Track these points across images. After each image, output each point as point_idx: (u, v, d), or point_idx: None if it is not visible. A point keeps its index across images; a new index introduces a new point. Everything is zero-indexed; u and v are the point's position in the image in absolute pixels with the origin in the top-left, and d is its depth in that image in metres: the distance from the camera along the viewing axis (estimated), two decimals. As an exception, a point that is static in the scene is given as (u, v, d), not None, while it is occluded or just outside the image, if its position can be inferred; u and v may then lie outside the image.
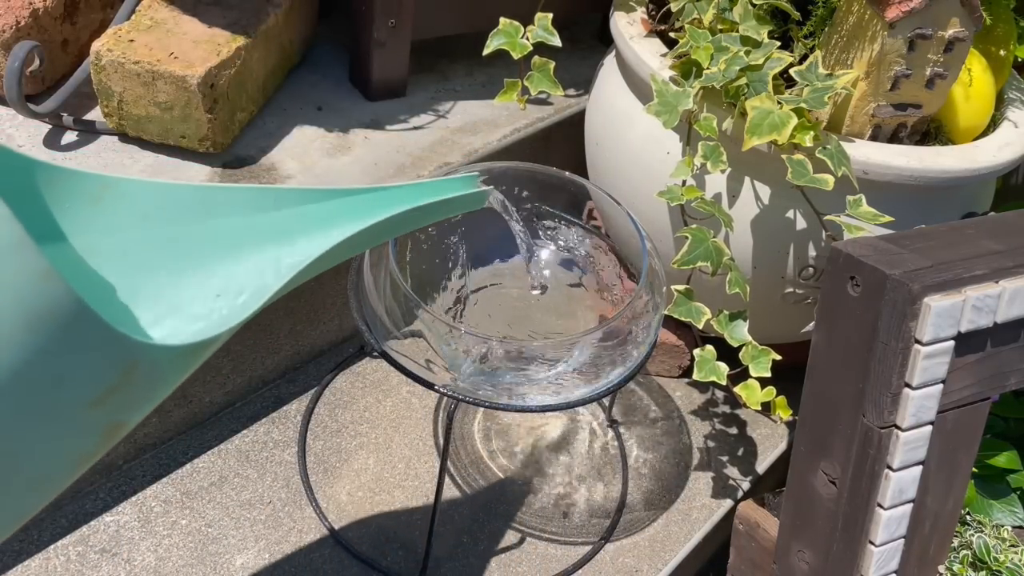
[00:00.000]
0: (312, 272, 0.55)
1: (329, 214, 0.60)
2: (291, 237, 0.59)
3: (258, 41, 1.00)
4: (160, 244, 0.55)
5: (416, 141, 1.09)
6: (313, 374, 1.02)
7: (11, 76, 0.90)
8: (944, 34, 0.83)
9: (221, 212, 0.56)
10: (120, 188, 0.54)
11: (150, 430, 0.90)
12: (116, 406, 0.45)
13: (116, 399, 0.44)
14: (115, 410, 0.45)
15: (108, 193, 0.54)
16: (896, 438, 0.71)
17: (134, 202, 0.55)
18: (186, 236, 0.56)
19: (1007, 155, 0.90)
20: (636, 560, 0.92)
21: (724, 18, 0.86)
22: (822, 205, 0.83)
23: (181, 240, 0.56)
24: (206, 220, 0.56)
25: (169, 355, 0.46)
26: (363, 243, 0.60)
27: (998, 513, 1.03)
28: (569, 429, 1.04)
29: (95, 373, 0.42)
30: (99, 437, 0.46)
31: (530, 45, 0.90)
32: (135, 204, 0.55)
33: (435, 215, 0.67)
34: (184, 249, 0.56)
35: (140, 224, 0.55)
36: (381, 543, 0.88)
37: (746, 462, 1.04)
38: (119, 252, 0.54)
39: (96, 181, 0.53)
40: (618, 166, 0.98)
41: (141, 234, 0.55)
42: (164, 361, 0.46)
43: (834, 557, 0.76)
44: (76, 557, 0.82)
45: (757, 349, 0.82)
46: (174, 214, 0.56)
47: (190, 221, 0.56)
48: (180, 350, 0.47)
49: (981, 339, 0.72)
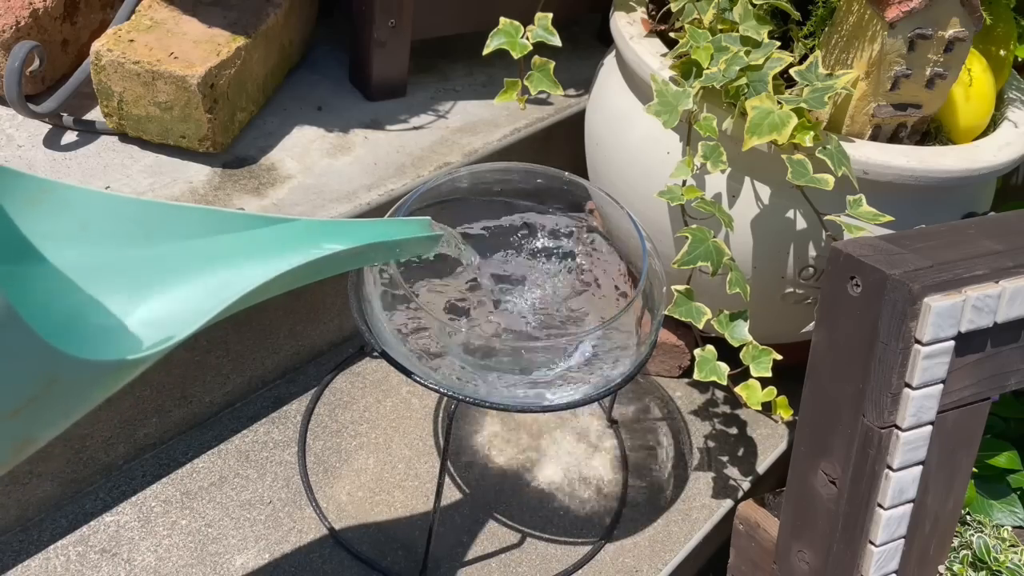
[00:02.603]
0: (252, 300, 0.53)
1: (278, 240, 0.59)
2: (236, 262, 0.57)
3: (258, 41, 1.00)
4: (98, 263, 0.54)
5: (416, 141, 1.09)
6: (313, 374, 1.02)
7: (11, 76, 0.90)
8: (944, 34, 0.83)
9: (163, 233, 0.55)
10: (60, 194, 0.52)
11: (150, 430, 0.90)
12: (32, 420, 0.43)
13: (33, 411, 0.43)
14: (30, 424, 0.44)
15: (48, 197, 0.52)
16: (896, 438, 0.71)
17: (74, 210, 0.53)
18: (125, 256, 0.55)
19: (1007, 155, 0.90)
20: (636, 560, 0.92)
21: (724, 18, 0.86)
22: (822, 205, 0.83)
23: (120, 260, 0.54)
24: (146, 240, 0.55)
25: (94, 371, 0.45)
26: (309, 275, 0.59)
27: (998, 513, 1.03)
28: (569, 429, 1.04)
29: (17, 381, 0.41)
30: (9, 452, 0.45)
31: (530, 45, 0.90)
32: (75, 212, 0.53)
33: (384, 255, 0.67)
34: (122, 268, 0.54)
35: (78, 234, 0.53)
36: (381, 543, 0.88)
37: (746, 462, 1.04)
38: (55, 264, 0.53)
39: (35, 184, 0.52)
40: (618, 166, 0.98)
41: (79, 248, 0.53)
42: (88, 377, 0.45)
43: (834, 557, 0.76)
44: (76, 557, 0.82)
45: (758, 349, 0.82)
46: (114, 227, 0.54)
47: (130, 237, 0.54)
48: (106, 366, 0.45)
49: (981, 339, 0.72)
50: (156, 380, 0.88)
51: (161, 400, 0.89)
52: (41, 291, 0.52)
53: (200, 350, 0.90)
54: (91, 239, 0.54)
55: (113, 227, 0.54)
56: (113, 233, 0.54)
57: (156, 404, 0.89)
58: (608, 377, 0.77)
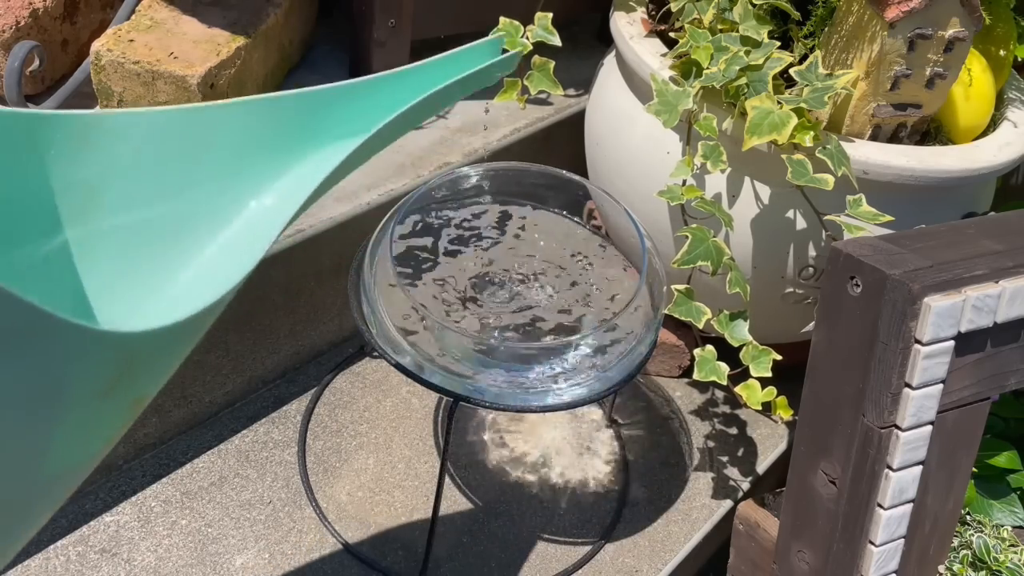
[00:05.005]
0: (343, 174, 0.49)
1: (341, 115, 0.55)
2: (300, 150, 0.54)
3: (258, 41, 1.00)
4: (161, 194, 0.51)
5: (416, 141, 1.09)
6: (313, 374, 1.02)
7: (11, 76, 0.90)
8: (944, 34, 0.83)
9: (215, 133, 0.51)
10: (107, 125, 0.50)
11: (150, 430, 0.90)
12: (127, 388, 0.42)
13: (125, 384, 0.41)
14: (127, 392, 0.42)
15: (94, 132, 0.50)
16: (896, 438, 0.71)
17: (123, 137, 0.51)
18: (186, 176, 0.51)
19: (1007, 155, 0.90)
20: (636, 560, 0.92)
21: (724, 18, 0.86)
22: (822, 205, 0.83)
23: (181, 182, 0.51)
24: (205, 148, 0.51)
25: (168, 335, 0.42)
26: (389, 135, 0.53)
27: (998, 513, 1.03)
28: (569, 429, 1.04)
29: (88, 376, 0.39)
30: (121, 416, 0.44)
31: (530, 45, 0.90)
32: (125, 139, 0.51)
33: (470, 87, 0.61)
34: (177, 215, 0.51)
35: (133, 161, 0.50)
36: (381, 543, 0.88)
37: (746, 462, 1.04)
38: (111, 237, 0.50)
39: (80, 122, 0.50)
40: (618, 166, 0.98)
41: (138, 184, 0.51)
42: (165, 342, 0.42)
43: (834, 557, 0.76)
44: (76, 557, 0.82)
45: (758, 349, 0.82)
46: (165, 143, 0.51)
47: (183, 148, 0.51)
48: (180, 326, 0.42)
49: (981, 339, 0.72)
50: (156, 380, 0.88)
51: (161, 400, 0.89)
52: (95, 275, 0.50)
53: (200, 350, 0.90)
54: (146, 164, 0.51)
55: (164, 143, 0.51)
56: (168, 152, 0.51)
57: (156, 404, 0.89)
58: (608, 377, 0.77)
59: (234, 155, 0.53)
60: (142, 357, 0.41)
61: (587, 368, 0.77)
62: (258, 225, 0.52)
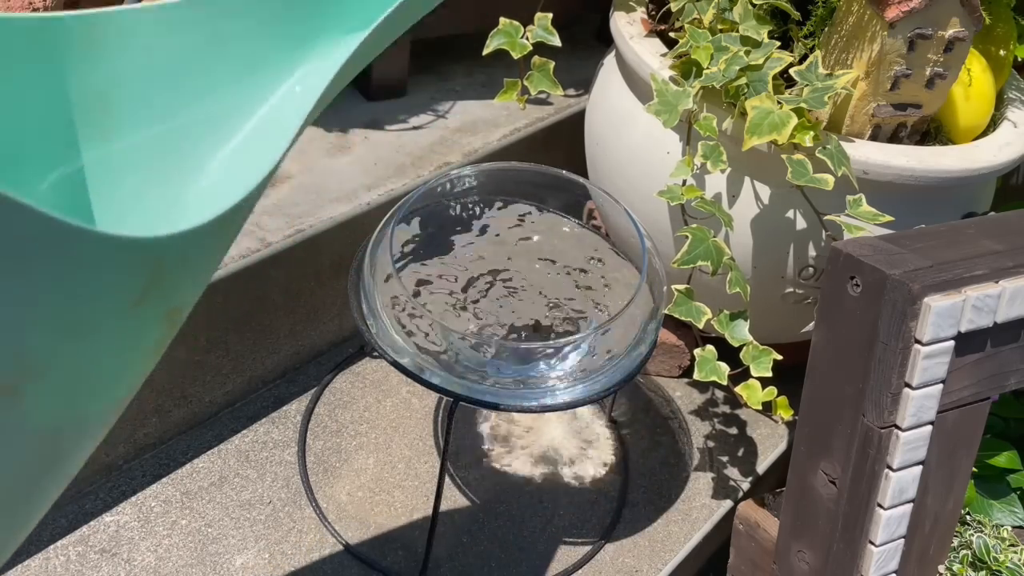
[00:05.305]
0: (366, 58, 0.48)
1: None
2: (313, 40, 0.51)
3: None
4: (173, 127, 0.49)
5: (416, 141, 1.09)
6: (313, 374, 1.02)
7: (11, 76, 0.90)
8: (944, 34, 0.83)
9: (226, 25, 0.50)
10: (115, 23, 0.49)
11: (150, 430, 0.90)
12: (161, 299, 0.40)
13: (157, 293, 0.40)
14: (161, 302, 0.41)
15: (98, 32, 0.48)
16: (896, 438, 0.71)
17: (132, 35, 0.49)
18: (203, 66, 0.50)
19: (1007, 155, 0.90)
20: (636, 560, 0.92)
21: (724, 18, 0.86)
22: (822, 205, 0.83)
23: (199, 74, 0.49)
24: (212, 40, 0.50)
25: (192, 239, 0.40)
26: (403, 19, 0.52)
27: (998, 513, 1.02)
28: (569, 429, 1.04)
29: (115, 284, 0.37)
30: (157, 328, 0.42)
31: (530, 45, 0.90)
32: (134, 37, 0.49)
33: None
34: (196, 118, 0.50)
35: (146, 60, 0.49)
36: (381, 543, 0.88)
37: (746, 462, 1.04)
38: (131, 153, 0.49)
39: (83, 23, 0.48)
40: (618, 166, 0.98)
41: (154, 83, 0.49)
42: (190, 246, 0.41)
43: (834, 557, 0.76)
44: (76, 557, 0.82)
45: (758, 349, 0.82)
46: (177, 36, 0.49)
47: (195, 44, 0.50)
48: (203, 229, 0.40)
49: (981, 339, 0.72)
50: (156, 380, 0.88)
51: (161, 400, 0.89)
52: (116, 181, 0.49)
53: (200, 350, 0.90)
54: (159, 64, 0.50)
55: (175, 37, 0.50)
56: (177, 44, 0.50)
57: (156, 404, 0.89)
58: (608, 377, 0.77)
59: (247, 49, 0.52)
60: (170, 263, 0.39)
61: (587, 368, 0.77)
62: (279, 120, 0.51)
